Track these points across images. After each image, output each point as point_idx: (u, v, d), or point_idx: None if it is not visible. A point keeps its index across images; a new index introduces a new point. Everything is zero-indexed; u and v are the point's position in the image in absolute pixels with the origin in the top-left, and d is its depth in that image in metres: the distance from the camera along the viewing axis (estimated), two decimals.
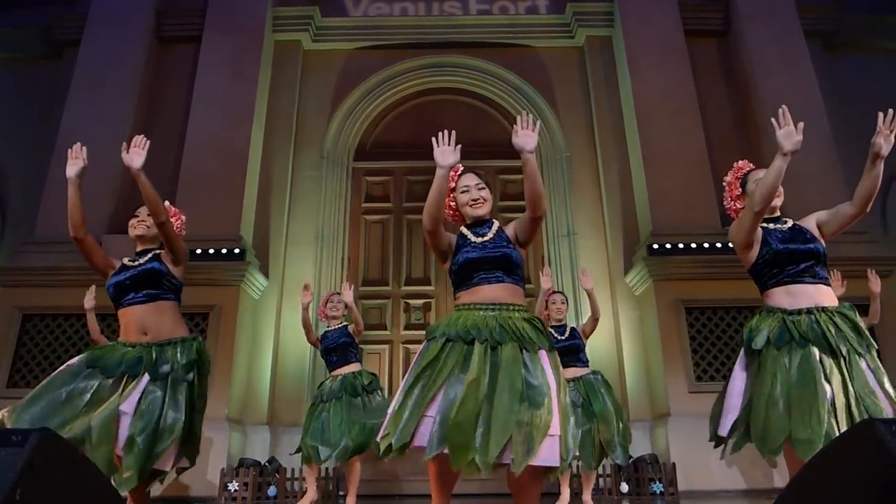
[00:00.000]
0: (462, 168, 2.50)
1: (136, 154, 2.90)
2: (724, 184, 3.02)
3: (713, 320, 5.96)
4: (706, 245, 6.14)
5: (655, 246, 6.15)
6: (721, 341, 5.88)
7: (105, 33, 7.25)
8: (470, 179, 2.45)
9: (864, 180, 2.60)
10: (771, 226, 2.73)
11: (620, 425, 4.33)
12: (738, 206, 2.89)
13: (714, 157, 6.80)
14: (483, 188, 2.44)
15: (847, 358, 2.41)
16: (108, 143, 6.71)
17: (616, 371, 6.32)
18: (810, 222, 2.73)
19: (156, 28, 7.53)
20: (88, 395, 2.60)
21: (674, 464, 5.43)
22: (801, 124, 2.42)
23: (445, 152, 2.27)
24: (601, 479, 5.53)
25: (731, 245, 6.02)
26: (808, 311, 2.51)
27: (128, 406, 2.59)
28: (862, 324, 2.53)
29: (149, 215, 3.00)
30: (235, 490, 5.22)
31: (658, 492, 5.33)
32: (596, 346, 6.38)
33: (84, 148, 3.00)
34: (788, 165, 2.55)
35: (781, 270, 2.61)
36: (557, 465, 1.98)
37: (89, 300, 4.41)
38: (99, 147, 6.62)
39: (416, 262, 6.97)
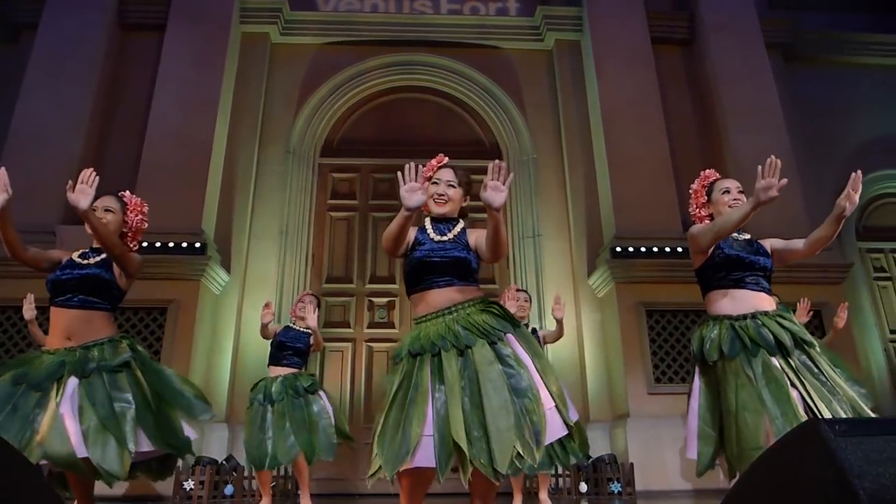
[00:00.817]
0: (446, 160, 2.45)
1: (82, 194, 2.61)
2: (690, 191, 3.10)
3: (673, 323, 6.07)
4: (668, 249, 6.25)
5: (618, 249, 6.24)
6: (680, 344, 5.99)
7: (64, 17, 7.02)
8: (444, 174, 2.40)
9: (824, 230, 2.72)
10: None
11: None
12: (703, 213, 2.97)
13: (677, 163, 6.94)
14: (452, 186, 2.38)
15: (795, 357, 2.49)
16: (65, 131, 6.54)
17: (578, 372, 6.39)
18: (765, 242, 2.87)
19: (118, 14, 7.33)
20: (32, 413, 2.49)
21: (632, 464, 5.51)
22: (783, 181, 2.45)
23: (412, 192, 2.10)
24: (560, 479, 5.59)
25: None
26: (753, 316, 2.60)
27: (66, 408, 2.51)
28: (800, 326, 2.63)
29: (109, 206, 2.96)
30: (191, 489, 5.12)
31: (616, 491, 5.40)
32: (558, 347, 6.44)
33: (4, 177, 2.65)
34: (748, 170, 2.62)
35: (727, 274, 2.71)
36: (567, 431, 2.01)
37: (29, 311, 4.10)
38: (55, 135, 6.47)
39: (380, 260, 6.94)
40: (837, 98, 8.10)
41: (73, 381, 2.59)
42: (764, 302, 2.68)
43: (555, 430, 1.98)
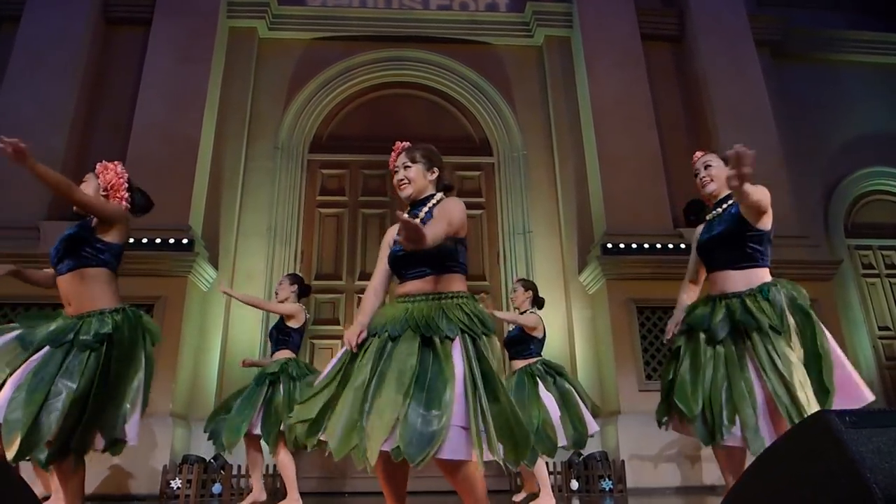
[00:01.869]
0: (402, 146, 2.38)
1: (13, 147, 2.56)
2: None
3: (664, 319, 6.05)
4: (658, 246, 6.25)
5: (609, 245, 6.22)
6: (671, 341, 5.98)
7: (47, 10, 6.91)
8: (399, 160, 2.33)
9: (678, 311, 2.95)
10: (710, 217, 2.95)
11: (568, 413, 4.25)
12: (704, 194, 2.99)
13: (667, 159, 6.94)
14: (408, 167, 2.29)
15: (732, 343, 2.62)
16: (47, 126, 6.44)
17: (568, 369, 6.35)
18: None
19: (102, 7, 7.22)
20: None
21: (623, 461, 5.50)
22: (746, 170, 2.41)
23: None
24: (551, 476, 5.56)
25: (682, 246, 6.11)
26: (710, 299, 2.81)
27: (18, 373, 2.52)
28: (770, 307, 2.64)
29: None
30: (178, 488, 5.05)
31: (607, 489, 5.39)
32: (549, 344, 6.41)
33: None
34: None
35: (705, 260, 2.91)
36: (467, 458, 1.86)
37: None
38: (38, 129, 6.36)
39: (370, 256, 6.88)
40: (826, 95, 8.15)
41: (45, 349, 2.60)
42: (728, 282, 2.66)
43: (452, 448, 1.84)
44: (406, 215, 1.87)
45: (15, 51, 6.72)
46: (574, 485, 5.50)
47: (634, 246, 6.23)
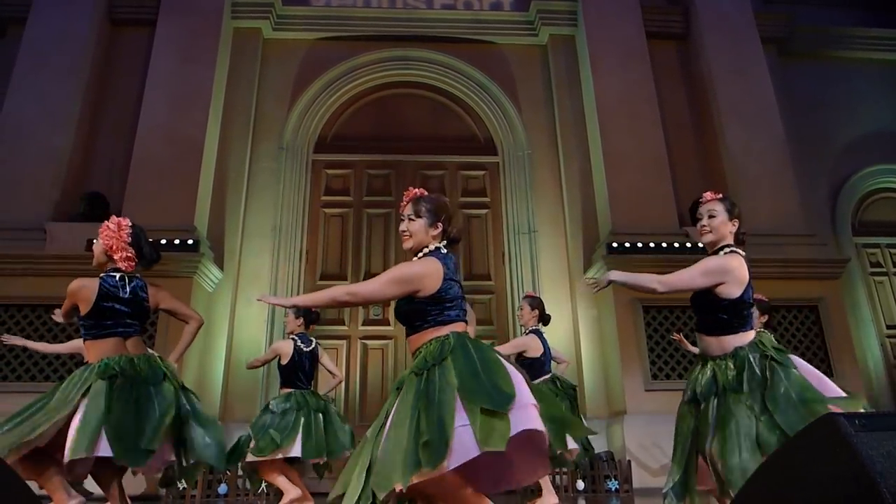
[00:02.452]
0: (412, 195, 2.33)
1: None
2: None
3: (670, 319, 6.04)
4: (664, 244, 6.22)
5: (614, 244, 6.20)
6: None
7: (53, 12, 6.93)
8: (406, 209, 2.30)
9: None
10: None
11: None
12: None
13: (672, 157, 6.91)
14: (412, 220, 2.26)
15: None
16: (53, 127, 6.47)
17: (574, 369, 6.34)
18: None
19: (107, 9, 7.24)
20: None
21: (629, 461, 5.48)
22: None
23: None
24: (557, 477, 5.55)
25: (688, 245, 6.09)
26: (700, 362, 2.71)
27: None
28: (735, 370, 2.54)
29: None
30: (184, 488, 5.05)
31: (613, 489, 5.37)
32: (554, 344, 6.41)
33: None
34: (744, 165, 2.57)
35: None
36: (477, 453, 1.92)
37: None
38: (44, 131, 6.39)
39: (375, 256, 6.88)
40: (832, 92, 8.09)
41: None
42: (706, 347, 2.64)
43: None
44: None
45: (20, 52, 6.74)
46: (580, 485, 5.48)
47: (640, 245, 6.20)
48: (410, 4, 7.80)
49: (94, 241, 3.04)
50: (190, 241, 5.87)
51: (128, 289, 2.94)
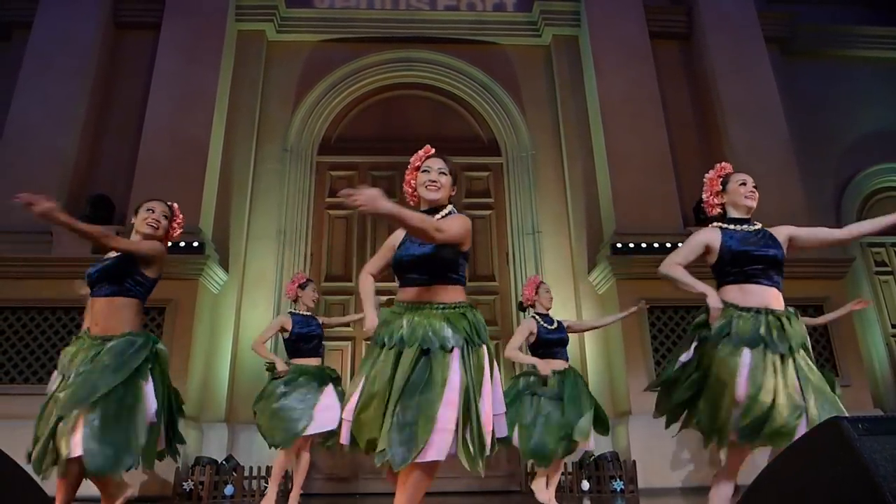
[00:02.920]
0: (433, 151, 2.47)
1: (37, 204, 2.66)
2: (705, 179, 3.11)
3: (674, 319, 6.04)
4: (668, 245, 6.21)
5: (619, 245, 6.20)
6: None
7: (58, 15, 6.97)
8: (435, 163, 2.40)
9: (868, 227, 2.95)
10: (733, 226, 2.91)
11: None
12: (716, 201, 3.04)
13: (676, 157, 6.91)
14: (444, 174, 2.38)
15: (789, 356, 2.60)
16: (59, 130, 6.51)
17: (579, 369, 6.31)
18: (780, 232, 2.92)
19: (112, 12, 7.28)
20: None
21: (634, 461, 5.48)
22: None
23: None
24: (562, 477, 5.55)
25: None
26: (757, 311, 2.69)
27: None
28: (802, 328, 2.74)
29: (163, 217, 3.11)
30: (191, 489, 5.08)
31: (618, 489, 5.38)
32: None
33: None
34: (748, 164, 2.68)
35: (738, 269, 2.80)
36: (440, 458, 1.98)
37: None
38: (49, 133, 6.43)
39: None
40: (836, 91, 8.08)
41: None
42: (772, 298, 2.74)
43: (432, 452, 1.96)
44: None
45: (26, 55, 6.78)
46: (585, 485, 5.49)
47: (644, 245, 6.20)
48: (413, 6, 7.82)
49: (166, 215, 3.11)
50: (195, 244, 5.90)
51: None
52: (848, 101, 8.06)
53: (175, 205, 3.25)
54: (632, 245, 6.20)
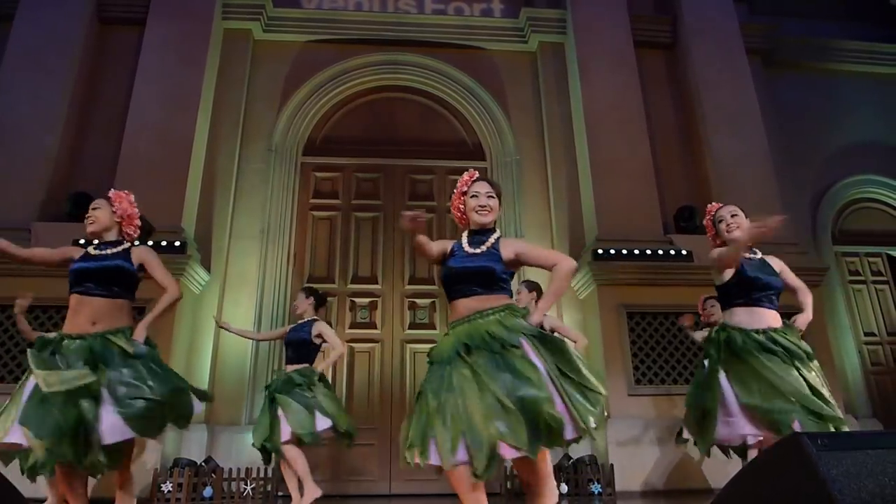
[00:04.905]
0: (477, 174, 2.60)
1: None
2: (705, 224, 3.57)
3: (653, 325, 6.12)
4: (649, 251, 6.30)
5: (600, 251, 6.27)
6: (660, 346, 6.05)
7: (42, 9, 6.90)
8: (481, 187, 2.54)
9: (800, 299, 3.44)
10: (745, 255, 3.29)
11: None
12: (717, 243, 3.46)
13: (659, 165, 7.01)
14: (492, 197, 2.53)
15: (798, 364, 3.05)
16: (41, 126, 6.44)
17: None
18: (774, 261, 3.39)
19: (97, 7, 7.21)
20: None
21: (612, 465, 5.55)
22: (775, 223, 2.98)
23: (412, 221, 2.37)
24: None
25: (672, 252, 6.19)
26: (765, 332, 3.10)
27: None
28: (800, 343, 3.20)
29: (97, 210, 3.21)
30: (169, 491, 5.05)
31: (596, 492, 5.44)
32: None
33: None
34: (729, 173, 2.86)
35: (747, 293, 3.19)
36: (575, 435, 2.16)
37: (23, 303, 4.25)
38: (31, 129, 6.36)
39: (363, 260, 6.91)
40: (816, 103, 8.24)
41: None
42: (774, 320, 3.17)
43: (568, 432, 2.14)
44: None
45: (8, 50, 6.70)
46: (563, 488, 5.54)
47: (625, 252, 6.28)
48: (401, 9, 7.84)
49: (97, 206, 3.21)
50: (177, 243, 5.87)
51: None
52: (827, 113, 8.22)
53: (114, 191, 3.36)
54: (613, 251, 6.27)
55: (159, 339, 5.47)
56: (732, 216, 3.36)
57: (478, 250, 2.46)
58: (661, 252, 6.32)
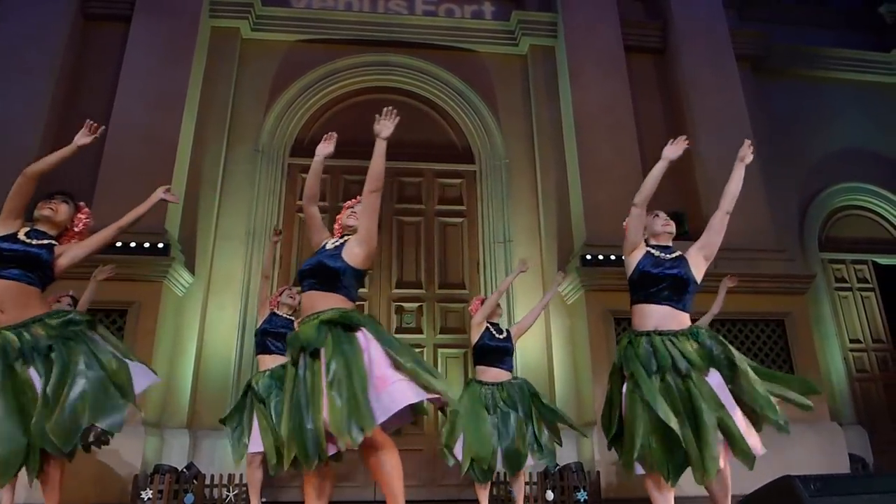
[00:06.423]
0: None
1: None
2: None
3: None
4: None
5: (588, 257, 6.25)
6: None
7: (23, 6, 6.77)
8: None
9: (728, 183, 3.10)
10: (654, 251, 2.99)
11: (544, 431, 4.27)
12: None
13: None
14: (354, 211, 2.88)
15: (689, 377, 2.56)
16: (23, 124, 6.33)
17: (546, 378, 6.39)
18: (690, 251, 3.03)
19: (81, 4, 7.09)
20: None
21: (598, 472, 5.53)
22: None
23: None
24: (527, 486, 5.57)
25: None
26: (647, 334, 2.76)
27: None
28: (711, 343, 2.69)
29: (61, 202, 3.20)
30: (149, 498, 4.96)
31: (582, 500, 5.41)
32: (527, 354, 6.45)
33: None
34: (717, 179, 2.79)
35: (639, 290, 2.89)
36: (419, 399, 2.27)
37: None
38: (13, 127, 6.24)
39: None
40: (804, 110, 8.27)
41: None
42: (668, 318, 2.78)
43: (403, 396, 2.25)
44: None
45: None
46: (549, 495, 5.51)
47: (613, 257, 6.25)
48: (391, 10, 7.78)
49: (67, 201, 3.23)
50: (160, 245, 5.78)
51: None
52: (815, 120, 8.25)
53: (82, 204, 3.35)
54: (601, 257, 6.25)
55: (142, 342, 5.45)
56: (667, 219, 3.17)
57: (331, 247, 2.81)
58: None
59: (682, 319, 2.79)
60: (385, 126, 2.84)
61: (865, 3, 9.32)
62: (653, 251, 2.97)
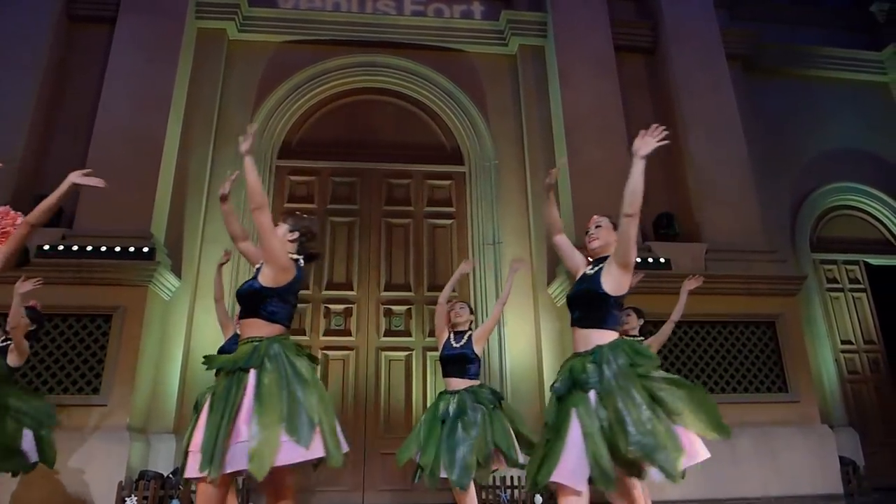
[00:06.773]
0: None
1: None
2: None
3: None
4: None
5: None
6: None
7: (6, 6, 6.71)
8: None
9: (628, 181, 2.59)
10: (588, 269, 2.78)
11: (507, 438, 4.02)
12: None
13: None
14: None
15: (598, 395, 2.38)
16: (6, 125, 6.31)
17: (535, 381, 6.36)
18: (607, 262, 2.71)
19: (66, 5, 7.02)
20: None
21: None
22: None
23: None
24: (515, 491, 5.55)
25: (650, 260, 6.13)
26: (570, 359, 2.58)
27: None
28: (615, 360, 2.46)
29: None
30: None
31: None
32: (517, 356, 6.42)
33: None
34: (708, 179, 2.64)
35: (572, 315, 2.67)
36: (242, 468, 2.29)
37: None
38: None
39: (338, 266, 6.79)
40: (795, 110, 8.24)
41: None
42: (581, 341, 2.59)
43: (234, 461, 2.32)
44: None
45: None
46: (538, 500, 5.48)
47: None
48: (380, 10, 7.72)
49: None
50: (146, 249, 5.72)
51: None
52: (807, 120, 8.23)
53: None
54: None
55: (127, 347, 5.39)
56: (596, 227, 2.87)
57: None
58: (639, 260, 6.25)
59: (593, 339, 2.57)
60: (248, 142, 2.76)
61: (857, 2, 9.29)
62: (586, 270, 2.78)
